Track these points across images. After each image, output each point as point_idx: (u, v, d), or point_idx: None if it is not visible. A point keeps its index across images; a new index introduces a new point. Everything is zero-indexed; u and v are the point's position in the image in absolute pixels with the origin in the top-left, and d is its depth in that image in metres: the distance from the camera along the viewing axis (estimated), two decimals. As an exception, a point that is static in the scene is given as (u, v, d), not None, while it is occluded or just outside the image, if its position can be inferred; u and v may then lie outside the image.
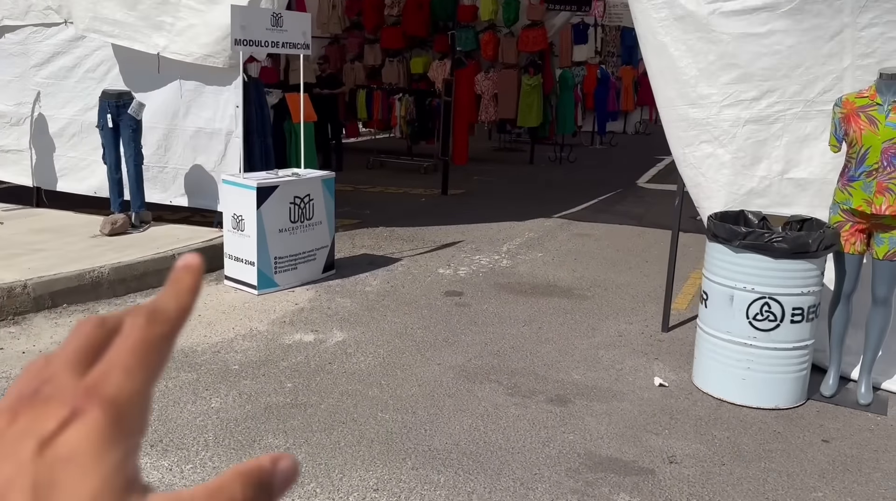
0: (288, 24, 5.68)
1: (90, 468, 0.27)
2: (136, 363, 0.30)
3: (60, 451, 0.27)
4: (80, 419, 0.28)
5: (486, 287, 5.84)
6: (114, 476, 0.28)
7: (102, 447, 0.28)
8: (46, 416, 0.28)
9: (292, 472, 0.31)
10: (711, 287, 4.02)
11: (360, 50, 14.04)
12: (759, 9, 4.44)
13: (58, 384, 0.29)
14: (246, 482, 0.30)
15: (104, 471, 0.27)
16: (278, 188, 5.47)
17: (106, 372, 0.29)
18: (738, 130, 4.59)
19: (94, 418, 0.28)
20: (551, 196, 9.95)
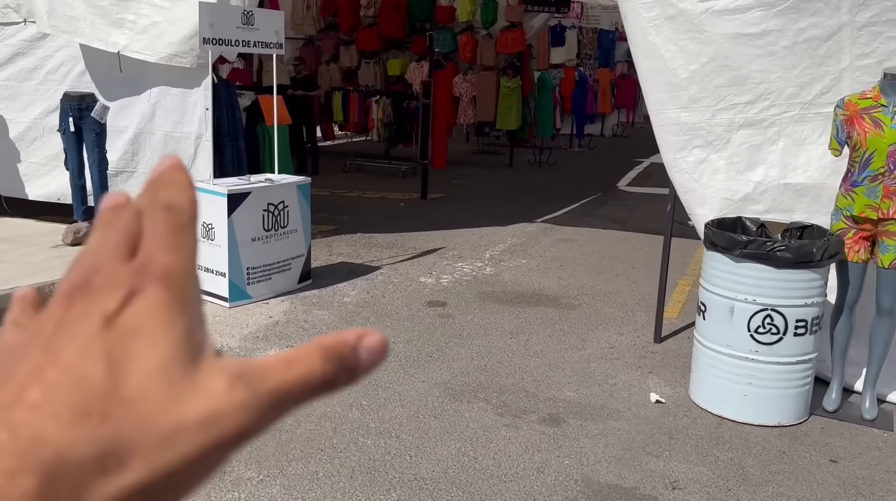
0: (260, 22, 5.41)
1: (159, 335, 0.28)
2: (175, 243, 0.30)
3: (127, 325, 0.28)
4: (140, 296, 0.28)
5: (469, 297, 5.60)
6: (183, 341, 0.28)
7: (168, 316, 0.28)
8: (105, 298, 0.28)
9: (380, 350, 0.30)
10: (710, 298, 3.83)
11: (335, 51, 13.76)
12: (753, 7, 4.27)
13: (107, 272, 0.29)
14: (327, 356, 0.29)
15: (173, 337, 0.28)
16: (251, 195, 5.20)
17: (151, 254, 0.30)
18: (733, 135, 4.41)
19: (154, 292, 0.28)
20: (532, 200, 9.75)
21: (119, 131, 6.31)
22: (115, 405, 0.26)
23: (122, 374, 0.27)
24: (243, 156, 6.68)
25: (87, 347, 0.27)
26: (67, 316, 0.28)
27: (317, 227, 6.96)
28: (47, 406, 0.26)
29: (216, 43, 5.17)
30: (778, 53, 4.25)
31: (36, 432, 0.25)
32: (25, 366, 0.27)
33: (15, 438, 0.25)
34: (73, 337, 0.28)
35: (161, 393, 0.27)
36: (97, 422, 0.26)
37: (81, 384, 0.26)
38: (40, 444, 0.25)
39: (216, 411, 0.27)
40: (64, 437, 0.25)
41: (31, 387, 0.26)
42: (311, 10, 13.33)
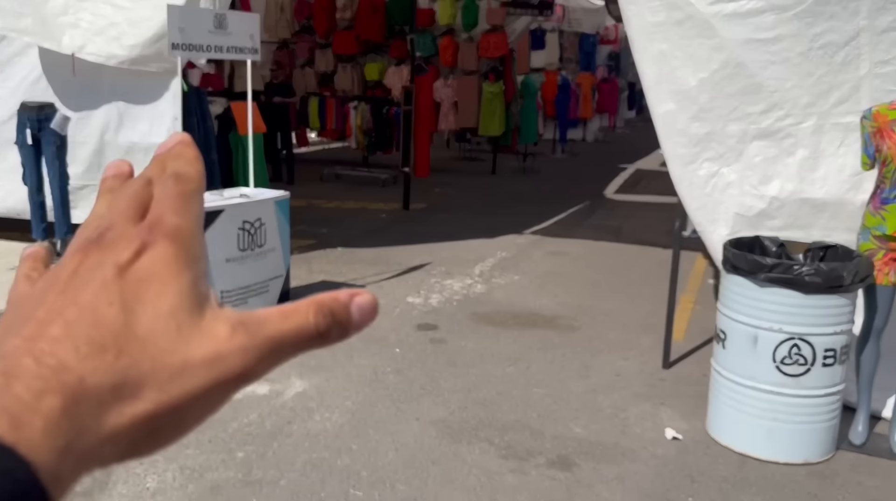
0: (233, 25, 5.02)
1: (169, 284, 0.30)
2: (182, 207, 0.32)
3: (139, 273, 0.30)
4: (151, 249, 0.31)
5: (462, 318, 5.26)
6: (190, 290, 0.30)
7: (176, 267, 0.30)
8: (119, 250, 0.31)
9: (370, 309, 0.33)
10: (730, 326, 3.52)
11: (310, 55, 13.35)
12: (765, 11, 3.98)
13: (120, 230, 0.32)
14: (320, 310, 0.32)
15: (181, 286, 0.30)
16: (224, 212, 4.81)
17: (160, 215, 0.32)
18: (746, 147, 4.12)
19: (163, 247, 0.31)
20: (519, 209, 9.43)
21: (80, 143, 5.89)
22: (130, 342, 0.29)
23: (134, 315, 0.29)
24: (215, 168, 6.28)
25: (102, 290, 0.30)
26: (83, 265, 0.31)
27: (295, 241, 6.58)
28: (68, 340, 0.28)
29: (187, 49, 4.78)
30: (793, 60, 3.96)
31: (59, 360, 0.28)
32: (45, 307, 0.30)
33: (40, 365, 0.27)
34: (89, 282, 0.30)
35: (170, 334, 0.30)
36: (113, 356, 0.29)
37: (98, 322, 0.29)
38: (63, 370, 0.28)
39: (219, 352, 0.30)
40: (84, 366, 0.28)
41: (53, 324, 0.29)
42: (284, 12, 12.92)
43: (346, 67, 13.02)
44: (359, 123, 11.84)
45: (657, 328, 5.15)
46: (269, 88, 10.63)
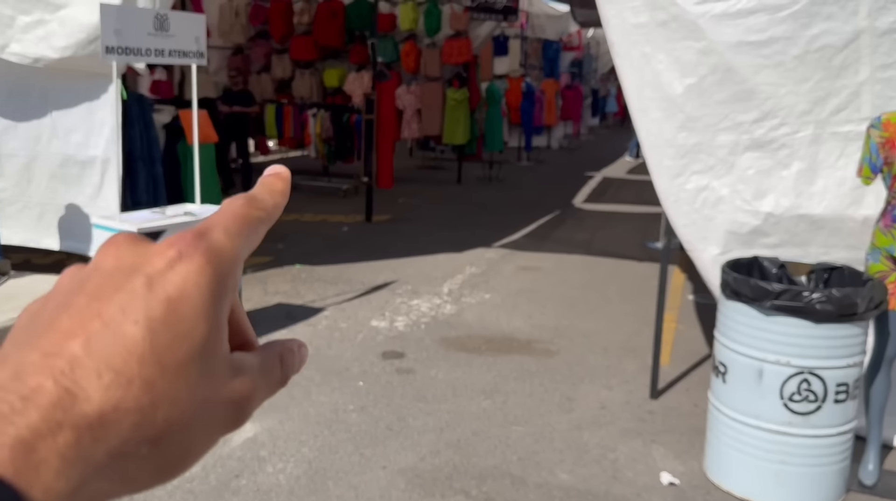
0: (176, 27, 4.56)
1: (201, 312, 0.29)
2: (235, 228, 0.31)
3: (170, 289, 0.29)
4: (185, 262, 0.29)
5: (431, 344, 4.85)
6: (218, 328, 0.30)
7: (208, 294, 0.29)
8: (155, 256, 0.30)
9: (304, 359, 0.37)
10: (732, 358, 3.18)
11: (266, 61, 12.85)
12: (758, 11, 3.66)
13: (175, 234, 0.31)
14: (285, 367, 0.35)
15: (210, 321, 0.29)
16: (166, 233, 4.34)
17: (211, 226, 0.31)
18: (738, 158, 3.80)
19: (198, 264, 0.29)
20: (487, 221, 9.07)
21: (8, 156, 5.35)
22: (156, 375, 0.28)
23: (160, 341, 0.28)
24: (160, 182, 5.79)
25: (129, 304, 0.28)
26: (119, 266, 0.30)
27: (248, 259, 6.11)
28: (90, 361, 0.27)
29: (123, 52, 4.30)
30: (787, 64, 3.66)
31: (80, 386, 0.26)
32: (70, 313, 0.28)
33: (59, 389, 0.26)
34: (118, 289, 0.29)
35: (195, 375, 0.29)
36: (138, 389, 0.27)
37: (122, 343, 0.27)
38: (84, 400, 0.26)
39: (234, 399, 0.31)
40: (107, 399, 0.26)
41: (75, 338, 0.27)
42: (239, 16, 12.40)
43: (304, 73, 12.55)
44: (318, 132, 11.37)
45: (640, 351, 4.82)
46: (227, 96, 10.09)
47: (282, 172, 0.35)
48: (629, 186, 12.73)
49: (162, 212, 4.66)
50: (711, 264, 3.86)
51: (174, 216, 4.54)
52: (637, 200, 11.18)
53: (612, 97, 24.46)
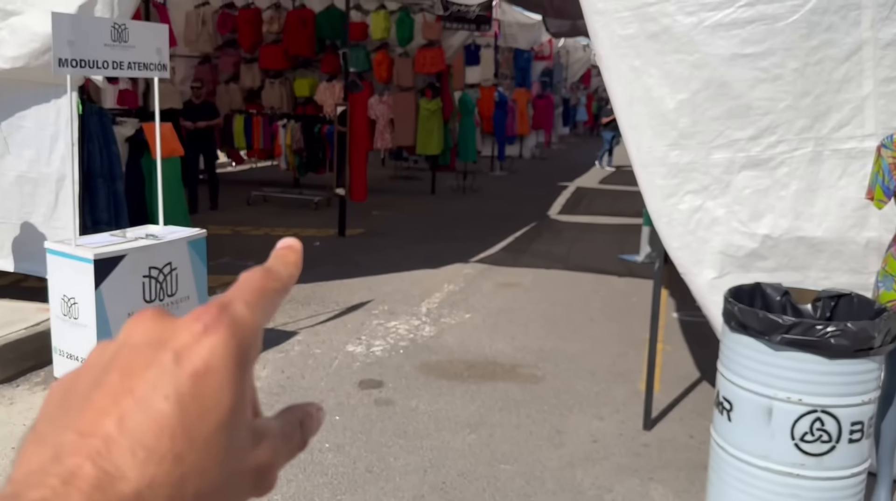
0: (136, 38, 4.27)
1: (227, 384, 0.30)
2: (254, 300, 0.33)
3: (197, 363, 0.30)
4: (211, 334, 0.31)
5: (410, 371, 4.60)
6: (243, 400, 0.31)
7: (234, 367, 0.31)
8: (181, 330, 0.31)
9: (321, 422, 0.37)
10: (737, 395, 2.97)
11: (235, 70, 12.52)
12: (754, 21, 3.49)
13: (199, 307, 0.32)
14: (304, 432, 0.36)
15: (236, 394, 0.30)
16: (126, 258, 4.04)
17: (232, 299, 0.32)
18: (733, 177, 3.62)
19: (223, 337, 0.31)
20: (462, 234, 8.85)
21: (-45, 174, 5.00)
22: (186, 449, 0.29)
23: (189, 416, 0.29)
24: (121, 200, 5.47)
25: (159, 379, 0.30)
26: (147, 340, 0.31)
27: (217, 278, 5.82)
28: (124, 440, 0.28)
29: (77, 65, 4.00)
30: (786, 77, 3.48)
31: (116, 466, 0.27)
32: (103, 392, 0.30)
33: (97, 470, 0.27)
34: (148, 365, 0.30)
35: (223, 447, 0.30)
36: (170, 464, 0.28)
37: (153, 419, 0.29)
38: (121, 479, 0.27)
39: (260, 467, 0.32)
40: (142, 475, 0.28)
41: (108, 416, 0.29)
42: (206, 25, 12.06)
43: (273, 82, 12.24)
44: (289, 143, 11.07)
45: (628, 375, 4.62)
46: (189, 110, 9.72)
47: (294, 244, 0.37)
48: (603, 197, 12.61)
49: (122, 235, 4.35)
50: (707, 289, 3.68)
51: (135, 240, 4.24)
52: (611, 211, 11.06)
53: (582, 106, 24.45)
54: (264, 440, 0.32)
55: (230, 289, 0.33)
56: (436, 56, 11.41)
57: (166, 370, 0.30)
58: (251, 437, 0.32)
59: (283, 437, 0.34)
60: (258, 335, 0.33)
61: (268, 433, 0.33)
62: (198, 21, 11.88)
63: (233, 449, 0.30)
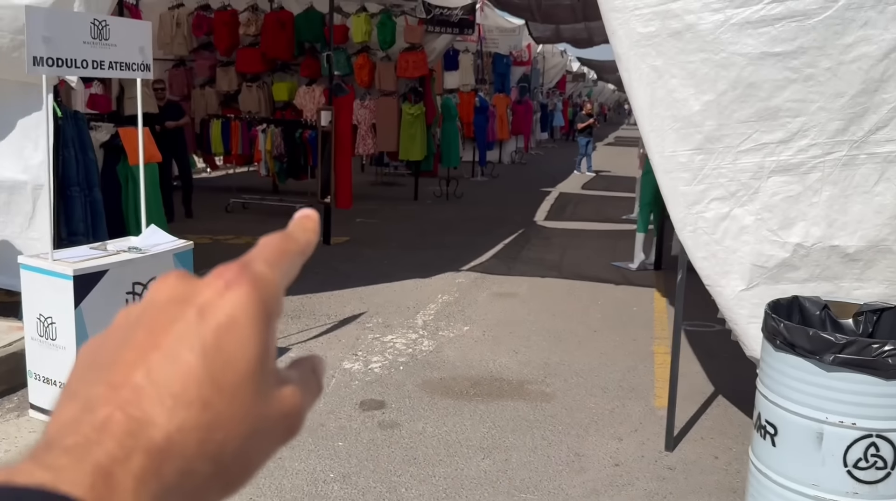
0: (118, 35, 3.97)
1: (250, 335, 0.31)
2: (275, 259, 0.34)
3: (220, 317, 0.31)
4: (233, 290, 0.31)
5: (412, 389, 4.34)
6: (267, 349, 0.32)
7: (256, 318, 0.31)
8: (204, 288, 0.32)
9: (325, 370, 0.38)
10: (783, 418, 2.77)
11: (210, 74, 12.16)
12: (784, 18, 3.30)
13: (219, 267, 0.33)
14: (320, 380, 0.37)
15: (259, 343, 0.31)
16: (108, 274, 3.73)
17: (252, 259, 0.33)
18: (762, 184, 3.42)
19: (245, 291, 0.31)
20: (451, 241, 8.60)
21: (-81, 183, 4.64)
22: (213, 395, 0.30)
23: (215, 365, 0.30)
24: (99, 209, 5.14)
25: (184, 333, 0.30)
26: (172, 299, 0.32)
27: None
28: (152, 389, 0.29)
29: (54, 64, 3.69)
30: (818, 77, 3.30)
31: (145, 413, 0.28)
32: (131, 347, 0.31)
33: (128, 418, 0.28)
34: (173, 321, 0.31)
35: (250, 392, 0.31)
36: (198, 410, 0.29)
37: (180, 370, 0.30)
38: (151, 425, 0.28)
39: (287, 411, 0.33)
40: (171, 421, 0.29)
41: (137, 369, 0.30)
42: (181, 27, 11.69)
43: (251, 86, 11.90)
44: (269, 148, 10.74)
45: (641, 391, 4.42)
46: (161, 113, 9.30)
47: (311, 213, 0.37)
48: (587, 202, 12.47)
49: (103, 248, 4.04)
50: (735, 301, 3.48)
51: (116, 253, 3.93)
52: (597, 216, 10.92)
53: (559, 111, 24.40)
54: (288, 386, 0.33)
55: (249, 251, 0.34)
56: (418, 60, 11.17)
57: (191, 325, 0.30)
58: (276, 385, 0.32)
59: (302, 383, 0.34)
60: (279, 292, 0.33)
61: (290, 380, 0.34)
62: (172, 23, 11.51)
63: (259, 397, 0.31)
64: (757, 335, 3.43)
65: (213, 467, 0.30)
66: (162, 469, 0.28)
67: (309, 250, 0.36)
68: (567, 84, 25.06)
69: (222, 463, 0.30)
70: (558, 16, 8.93)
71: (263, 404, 0.31)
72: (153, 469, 0.28)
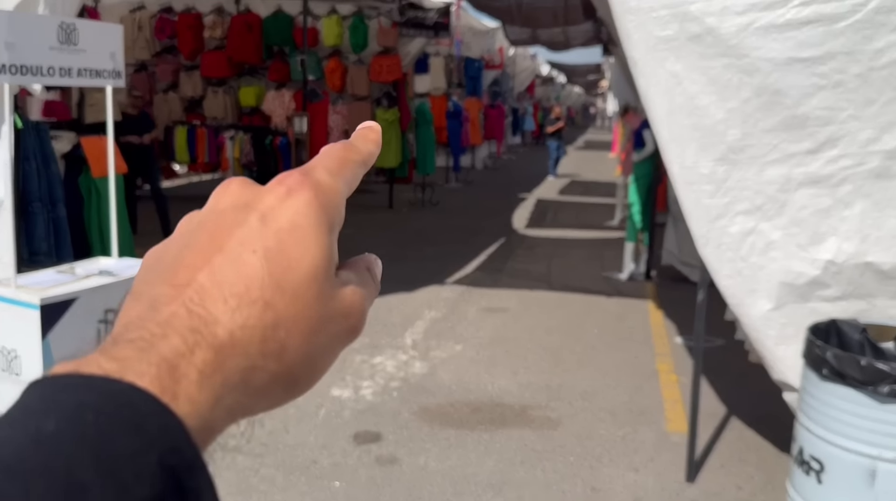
0: (87, 40, 3.62)
1: (312, 240, 0.31)
2: (336, 168, 0.34)
3: (282, 222, 0.31)
4: (295, 196, 0.32)
5: (409, 418, 4.05)
6: (327, 253, 0.32)
7: (317, 223, 0.32)
8: (266, 194, 0.32)
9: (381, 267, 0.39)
10: (831, 454, 2.55)
11: (174, 78, 11.73)
12: (811, 21, 3.10)
13: (282, 175, 0.33)
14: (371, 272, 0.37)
15: (321, 247, 0.32)
16: (78, 301, 3.38)
17: (314, 167, 0.34)
18: (790, 197, 3.21)
19: (307, 196, 0.32)
20: (431, 252, 8.33)
21: None
22: (275, 295, 0.30)
23: (278, 266, 0.30)
24: (63, 227, 4.76)
25: (247, 237, 0.31)
26: (234, 205, 0.32)
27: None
28: (216, 289, 0.29)
29: (18, 72, 3.33)
30: (848, 84, 3.10)
31: (209, 312, 0.29)
32: (193, 251, 0.31)
33: (191, 315, 0.29)
34: (235, 225, 0.31)
35: (312, 292, 0.31)
36: (260, 309, 0.30)
37: (242, 271, 0.30)
38: (214, 323, 0.29)
39: (348, 310, 0.33)
40: (234, 320, 0.29)
41: (201, 271, 0.30)
42: (143, 30, 11.26)
43: (216, 91, 11.51)
44: (237, 156, 10.37)
45: (651, 414, 4.19)
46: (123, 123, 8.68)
47: (374, 125, 0.38)
48: (566, 209, 12.30)
49: (70, 271, 3.68)
50: (762, 322, 3.27)
51: (86, 277, 3.57)
52: (578, 223, 10.75)
53: (530, 115, 24.31)
54: (348, 287, 0.33)
55: (314, 158, 0.34)
56: (392, 64, 10.88)
57: (253, 229, 0.31)
58: (337, 286, 0.32)
59: (361, 283, 0.34)
60: (341, 199, 0.34)
61: (350, 281, 0.34)
62: (133, 26, 11.07)
63: (321, 299, 0.31)
64: (787, 357, 3.22)
65: (276, 365, 0.30)
66: (225, 365, 0.28)
67: (370, 161, 0.37)
68: (536, 88, 24.97)
69: (285, 362, 0.30)
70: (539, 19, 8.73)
71: (325, 305, 0.31)
72: (217, 363, 0.28)
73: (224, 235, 0.31)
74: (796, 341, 3.16)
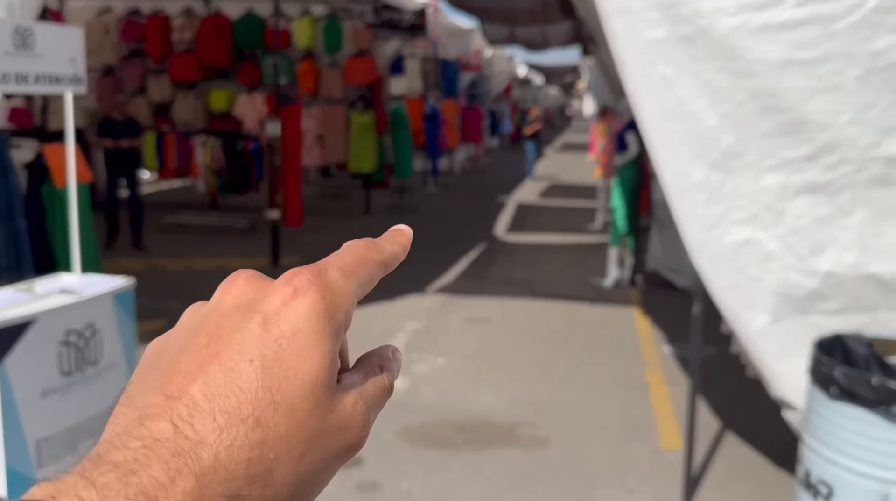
0: (45, 45, 3.39)
1: (312, 347, 0.30)
2: (351, 267, 0.33)
3: (283, 328, 0.30)
4: (300, 298, 0.31)
5: (392, 439, 3.87)
6: (330, 364, 0.30)
7: (321, 331, 0.30)
8: (272, 294, 0.31)
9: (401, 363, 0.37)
10: (840, 478, 2.41)
11: (141, 82, 11.41)
12: (808, 22, 2.98)
13: (291, 272, 0.32)
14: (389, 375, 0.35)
15: (323, 357, 0.30)
16: (37, 323, 3.15)
17: (328, 265, 0.33)
18: (787, 205, 3.09)
19: (313, 300, 0.31)
20: (411, 258, 7.84)
21: None
22: (267, 411, 0.29)
23: (273, 378, 0.29)
24: (23, 240, 4.51)
25: (245, 344, 0.29)
26: (238, 305, 0.31)
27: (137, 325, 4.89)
28: (206, 404, 0.28)
29: (-36, 76, 3.10)
30: (846, 87, 2.98)
31: (196, 432, 0.27)
32: (190, 356, 0.30)
33: (177, 435, 0.27)
34: (235, 329, 0.30)
35: (307, 409, 0.29)
36: (250, 427, 0.28)
37: (237, 384, 0.29)
38: (200, 444, 0.27)
39: (346, 425, 0.31)
40: (221, 440, 0.27)
41: (194, 381, 0.29)
42: (110, 34, 10.95)
43: (186, 95, 11.22)
44: (208, 162, 10.10)
45: (643, 430, 4.05)
46: (108, 126, 8.33)
47: (405, 229, 0.38)
48: (546, 214, 12.18)
49: (28, 290, 3.44)
50: (760, 337, 3.13)
51: (46, 296, 3.34)
52: (559, 227, 10.63)
53: (507, 118, 24.21)
54: (348, 395, 0.31)
55: (332, 255, 0.33)
56: (367, 66, 10.68)
57: (254, 335, 0.30)
58: (337, 398, 0.31)
59: (366, 390, 0.33)
60: (351, 302, 0.32)
61: (352, 387, 0.32)
62: (100, 29, 10.76)
63: (317, 411, 0.30)
64: (787, 373, 3.09)
65: (262, 490, 0.28)
66: (209, 492, 0.27)
67: (392, 264, 0.36)
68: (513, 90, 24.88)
69: (272, 486, 0.28)
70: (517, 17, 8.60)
71: (321, 419, 0.30)
72: (198, 492, 0.27)
73: (223, 340, 0.30)
74: (796, 356, 3.04)
